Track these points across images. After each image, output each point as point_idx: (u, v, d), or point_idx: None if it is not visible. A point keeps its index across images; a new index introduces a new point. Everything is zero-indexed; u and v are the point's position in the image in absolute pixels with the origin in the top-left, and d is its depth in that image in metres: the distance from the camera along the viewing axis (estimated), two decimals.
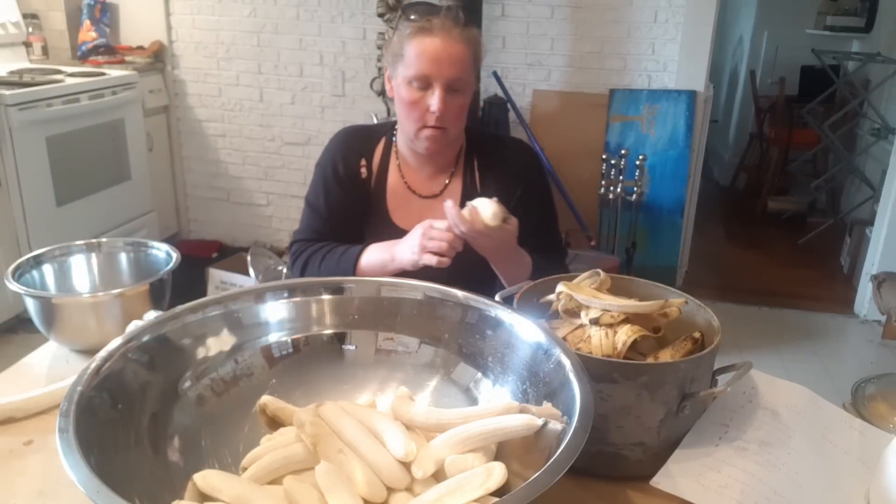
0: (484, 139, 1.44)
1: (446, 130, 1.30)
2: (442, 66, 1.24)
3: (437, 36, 1.25)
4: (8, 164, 2.61)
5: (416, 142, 1.33)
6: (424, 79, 1.25)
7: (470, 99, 1.33)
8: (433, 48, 1.24)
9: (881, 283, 2.75)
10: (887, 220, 3.22)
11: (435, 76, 1.25)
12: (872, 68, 4.36)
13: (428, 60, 1.24)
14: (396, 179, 1.40)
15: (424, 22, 1.25)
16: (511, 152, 1.43)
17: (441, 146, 1.33)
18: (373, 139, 1.43)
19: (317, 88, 3.45)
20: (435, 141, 1.31)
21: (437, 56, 1.24)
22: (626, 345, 0.87)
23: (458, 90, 1.28)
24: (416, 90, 1.27)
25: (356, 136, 1.44)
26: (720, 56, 5.64)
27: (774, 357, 2.93)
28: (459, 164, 1.41)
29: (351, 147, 1.42)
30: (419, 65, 1.25)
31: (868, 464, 0.87)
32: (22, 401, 0.94)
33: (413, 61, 1.25)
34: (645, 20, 3.07)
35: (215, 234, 3.79)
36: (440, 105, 1.25)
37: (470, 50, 1.27)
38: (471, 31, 1.28)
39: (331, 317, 0.93)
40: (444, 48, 1.24)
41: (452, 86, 1.27)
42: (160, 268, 1.17)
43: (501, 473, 0.66)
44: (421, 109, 1.27)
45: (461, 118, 1.32)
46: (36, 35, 3.41)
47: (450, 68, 1.25)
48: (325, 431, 0.73)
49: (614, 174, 3.04)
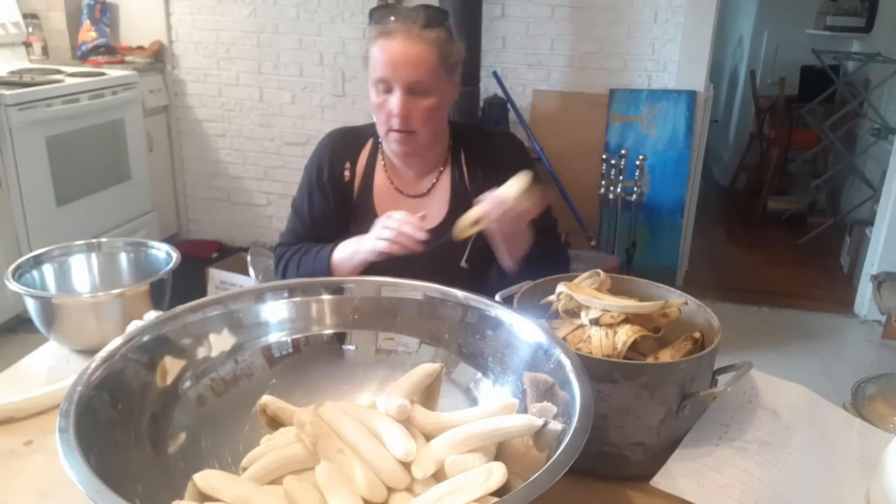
0: (471, 133, 1.43)
1: (415, 134, 1.28)
2: (399, 68, 1.23)
3: (395, 38, 1.23)
4: (8, 164, 2.61)
5: (387, 144, 1.33)
6: (385, 82, 1.25)
7: (446, 100, 1.30)
8: (391, 51, 1.23)
9: (881, 283, 2.76)
10: (887, 220, 3.22)
11: (393, 79, 1.24)
12: (872, 68, 4.36)
13: (386, 63, 1.23)
14: (383, 180, 1.41)
15: (386, 24, 1.25)
16: (499, 144, 1.42)
17: (412, 149, 1.32)
18: (359, 141, 1.43)
19: (317, 88, 3.45)
20: (403, 143, 1.30)
21: (394, 59, 1.23)
22: (626, 345, 0.87)
23: (421, 92, 1.25)
24: (380, 93, 1.27)
25: (341, 140, 1.44)
26: (720, 56, 5.64)
27: (774, 357, 2.93)
28: (448, 161, 1.40)
29: (335, 151, 1.42)
30: (379, 68, 1.24)
31: (868, 464, 0.87)
32: (22, 401, 0.94)
33: (375, 64, 1.25)
34: (645, 20, 3.07)
35: (215, 234, 3.79)
36: (400, 108, 1.24)
37: (434, 50, 1.24)
38: (435, 32, 1.25)
39: (331, 317, 0.93)
40: (401, 50, 1.23)
41: (413, 88, 1.25)
42: (160, 268, 1.17)
43: (501, 473, 0.66)
44: (385, 112, 1.27)
45: (433, 121, 1.29)
46: (36, 35, 3.41)
47: (407, 71, 1.23)
48: (325, 431, 0.73)
49: (614, 174, 3.04)
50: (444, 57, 1.27)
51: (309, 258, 1.34)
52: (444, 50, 1.27)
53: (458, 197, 1.38)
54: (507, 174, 1.36)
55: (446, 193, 1.39)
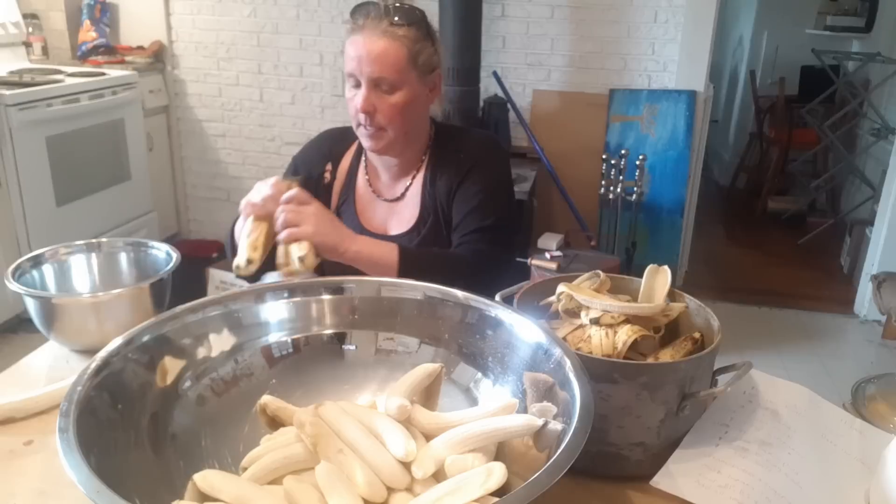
0: (449, 136, 1.40)
1: (384, 130, 1.28)
2: (363, 63, 1.23)
3: (363, 34, 1.24)
4: (8, 164, 2.62)
5: (361, 140, 1.33)
6: (353, 76, 1.26)
7: (414, 100, 1.28)
8: (357, 46, 1.24)
9: (881, 283, 2.75)
10: (887, 220, 3.22)
11: (359, 73, 1.24)
12: (872, 68, 4.36)
13: (353, 58, 1.24)
14: (363, 182, 1.41)
15: (356, 20, 1.26)
16: (466, 144, 1.38)
17: (383, 145, 1.30)
18: (345, 142, 1.43)
19: (317, 88, 3.45)
20: (372, 139, 1.29)
21: (359, 53, 1.23)
22: (626, 345, 0.87)
23: (386, 89, 1.25)
24: (351, 88, 1.27)
25: (329, 140, 1.44)
26: (720, 56, 5.64)
27: (774, 357, 2.93)
28: (423, 165, 1.39)
29: (321, 151, 1.42)
30: (348, 62, 1.25)
31: (868, 464, 0.87)
32: (22, 401, 0.94)
33: (346, 59, 1.26)
34: (645, 20, 3.07)
35: (215, 234, 3.79)
36: (362, 103, 1.24)
37: (400, 46, 1.23)
38: (404, 29, 1.24)
39: (331, 317, 0.93)
40: (365, 45, 1.23)
41: (378, 84, 1.24)
42: (160, 268, 1.17)
43: (501, 473, 0.66)
44: (353, 108, 1.27)
45: (401, 117, 1.27)
46: (36, 35, 3.41)
47: (371, 66, 1.23)
48: (325, 431, 0.73)
49: (614, 174, 3.04)
50: (413, 55, 1.25)
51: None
52: (414, 48, 1.25)
53: (427, 202, 1.36)
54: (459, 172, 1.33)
55: (418, 198, 1.37)
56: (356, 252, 1.17)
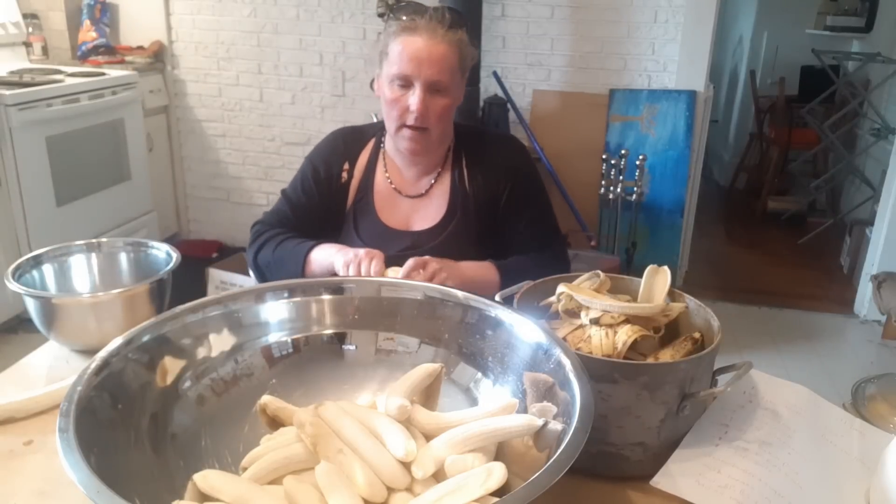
0: (472, 136, 1.43)
1: (427, 131, 1.30)
2: (423, 65, 1.24)
3: (420, 35, 1.24)
4: (8, 164, 2.61)
5: (397, 141, 1.33)
6: (405, 78, 1.26)
7: (456, 102, 1.32)
8: (415, 47, 1.24)
9: (881, 283, 2.75)
10: (887, 220, 3.22)
11: (415, 75, 1.25)
12: (872, 68, 4.36)
13: (409, 60, 1.24)
14: (382, 180, 1.41)
15: (410, 21, 1.26)
16: (499, 149, 1.42)
17: (422, 147, 1.33)
18: (362, 141, 1.43)
19: (317, 88, 3.45)
20: (415, 141, 1.31)
21: (418, 55, 1.24)
22: (626, 345, 0.87)
23: (439, 91, 1.27)
24: (397, 89, 1.27)
25: (343, 139, 1.44)
26: (720, 56, 5.64)
27: (774, 357, 2.93)
28: (447, 163, 1.41)
29: (336, 150, 1.43)
30: (401, 64, 1.25)
31: (868, 464, 0.87)
32: (22, 401, 0.94)
33: (396, 60, 1.26)
34: (645, 20, 3.07)
35: (215, 234, 3.79)
36: (419, 105, 1.25)
37: (455, 52, 1.27)
38: (457, 34, 1.27)
39: (331, 317, 0.93)
40: (425, 48, 1.24)
41: (433, 86, 1.26)
42: (160, 268, 1.17)
43: (501, 473, 0.66)
44: (401, 108, 1.27)
45: (444, 120, 1.31)
46: (36, 35, 3.41)
47: (430, 68, 1.24)
48: (325, 431, 0.73)
49: (614, 174, 3.04)
50: (461, 59, 1.29)
51: (288, 245, 1.33)
52: (462, 52, 1.29)
53: (456, 199, 1.38)
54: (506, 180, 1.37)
55: (445, 195, 1.39)
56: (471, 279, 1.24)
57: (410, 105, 1.26)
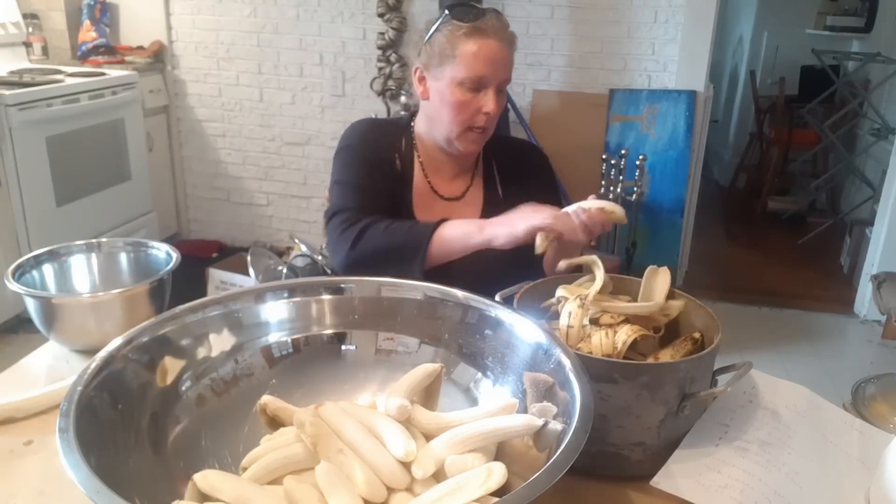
0: (499, 141, 1.43)
1: (486, 131, 1.30)
2: (497, 67, 1.24)
3: (492, 38, 1.23)
4: (8, 164, 2.62)
5: (457, 143, 1.30)
6: (479, 80, 1.24)
7: None
8: (489, 50, 1.23)
9: (881, 283, 2.75)
10: (887, 220, 3.22)
11: (490, 78, 1.24)
12: (872, 68, 4.36)
13: (484, 62, 1.23)
14: (420, 178, 1.38)
15: (479, 23, 1.23)
16: (525, 156, 1.44)
17: (480, 147, 1.34)
18: (395, 135, 1.39)
19: (317, 88, 3.45)
20: (477, 143, 1.31)
21: (493, 58, 1.23)
22: (626, 345, 0.87)
23: (502, 91, 1.29)
24: (466, 91, 1.25)
25: (381, 129, 1.40)
26: (720, 56, 5.64)
27: (774, 357, 2.93)
28: (479, 166, 1.41)
29: (379, 139, 1.37)
30: (476, 66, 1.23)
31: (868, 464, 0.87)
32: (22, 401, 0.94)
33: (468, 62, 1.23)
34: (645, 20, 3.07)
35: (215, 234, 3.79)
36: (495, 107, 1.25)
37: (513, 52, 1.29)
38: (513, 33, 1.29)
39: (331, 317, 0.93)
40: (499, 50, 1.24)
41: (501, 87, 1.27)
42: (160, 268, 1.17)
43: (501, 473, 0.66)
44: (470, 111, 1.26)
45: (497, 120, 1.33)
46: (36, 35, 3.41)
47: (503, 70, 1.26)
48: (325, 431, 0.73)
49: (614, 174, 3.04)
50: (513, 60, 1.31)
51: (402, 226, 1.23)
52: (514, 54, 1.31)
53: (490, 204, 1.37)
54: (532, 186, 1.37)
55: (479, 199, 1.38)
56: None
57: (484, 107, 1.25)
